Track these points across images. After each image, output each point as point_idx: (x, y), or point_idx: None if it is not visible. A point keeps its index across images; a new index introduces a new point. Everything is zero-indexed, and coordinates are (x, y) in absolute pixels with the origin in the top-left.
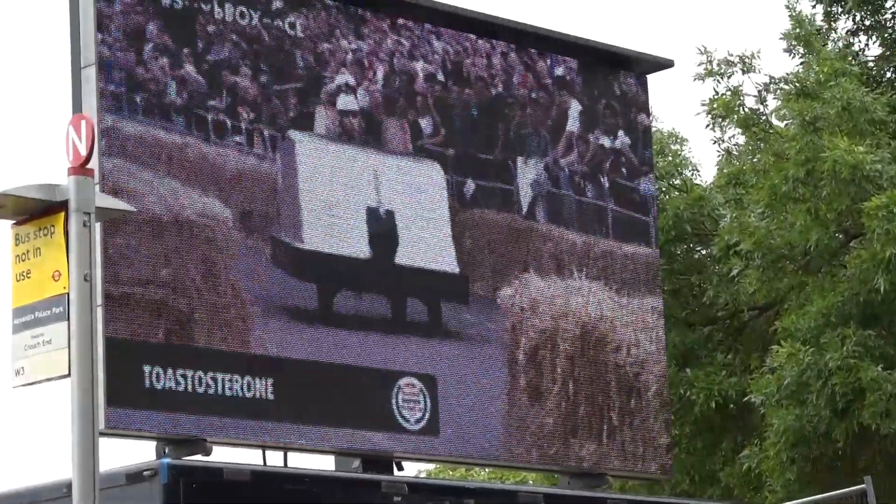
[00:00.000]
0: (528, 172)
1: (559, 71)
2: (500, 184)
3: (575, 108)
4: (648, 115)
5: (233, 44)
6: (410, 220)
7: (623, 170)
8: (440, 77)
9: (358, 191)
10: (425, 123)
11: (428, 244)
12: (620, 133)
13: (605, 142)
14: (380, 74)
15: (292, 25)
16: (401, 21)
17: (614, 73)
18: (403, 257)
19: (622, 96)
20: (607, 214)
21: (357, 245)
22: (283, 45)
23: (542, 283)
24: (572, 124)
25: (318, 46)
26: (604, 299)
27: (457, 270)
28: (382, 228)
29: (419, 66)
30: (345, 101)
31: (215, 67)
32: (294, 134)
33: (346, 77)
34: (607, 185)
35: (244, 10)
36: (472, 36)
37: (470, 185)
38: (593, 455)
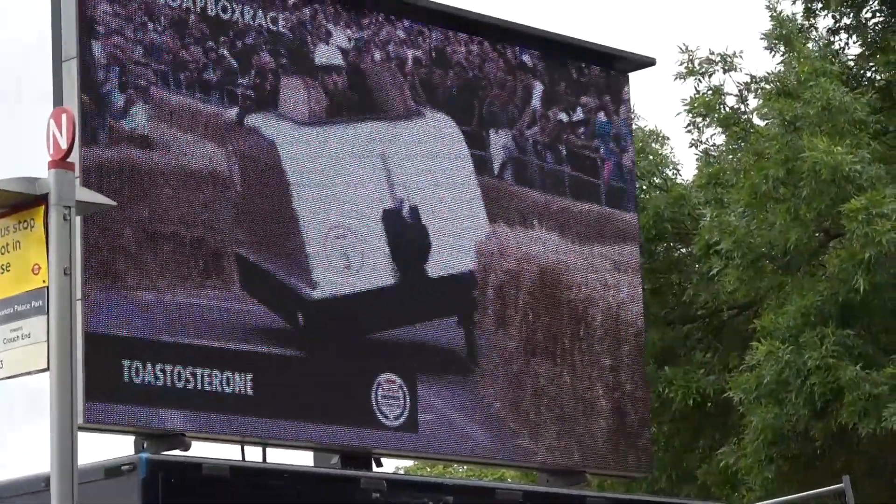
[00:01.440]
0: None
1: (528, 61)
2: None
3: (549, 103)
4: (628, 108)
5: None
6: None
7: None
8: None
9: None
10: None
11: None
12: (596, 119)
13: (580, 127)
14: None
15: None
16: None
17: (597, 70)
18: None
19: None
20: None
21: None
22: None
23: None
24: (546, 114)
25: (297, 33)
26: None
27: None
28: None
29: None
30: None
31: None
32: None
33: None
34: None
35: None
36: (451, 32)
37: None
38: (572, 452)
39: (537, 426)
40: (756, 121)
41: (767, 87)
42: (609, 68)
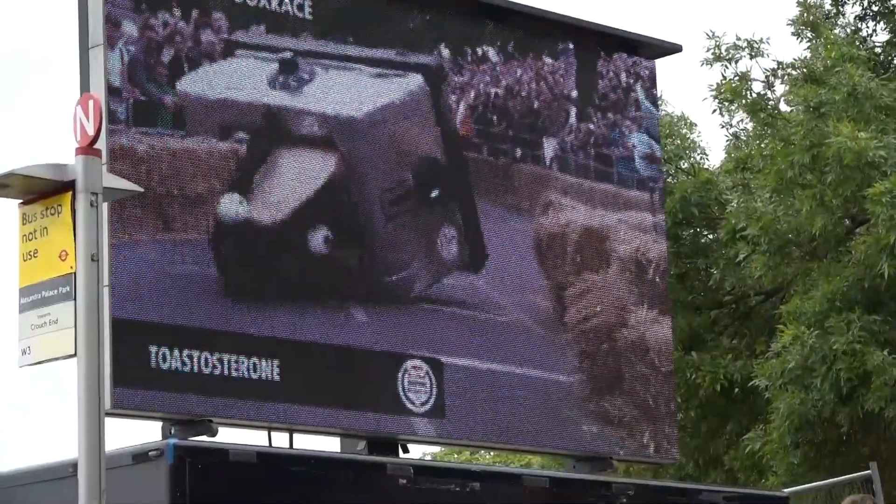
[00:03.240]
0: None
1: (565, 54)
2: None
3: (577, 90)
4: (655, 97)
5: None
6: None
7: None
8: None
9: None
10: None
11: None
12: (620, 112)
13: (605, 120)
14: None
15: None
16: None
17: (623, 57)
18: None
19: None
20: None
21: None
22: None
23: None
24: (576, 104)
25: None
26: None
27: None
28: None
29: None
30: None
31: None
32: None
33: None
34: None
35: None
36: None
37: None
38: (598, 438)
39: (564, 412)
40: (783, 107)
41: (794, 73)
42: (635, 55)
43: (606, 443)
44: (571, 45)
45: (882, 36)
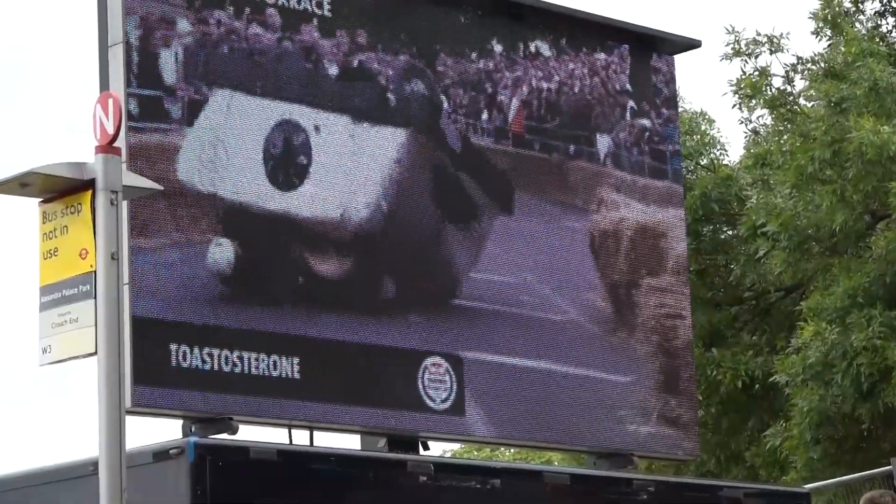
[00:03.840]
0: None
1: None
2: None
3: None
4: (674, 92)
5: None
6: None
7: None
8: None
9: None
10: None
11: None
12: (644, 106)
13: (634, 115)
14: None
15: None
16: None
17: (642, 53)
18: None
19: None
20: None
21: None
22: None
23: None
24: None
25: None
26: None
27: None
28: None
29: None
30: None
31: None
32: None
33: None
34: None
35: None
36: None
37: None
38: (619, 435)
39: (584, 409)
40: (802, 102)
41: (814, 68)
42: (655, 50)
43: (627, 439)
44: (624, 45)
45: None
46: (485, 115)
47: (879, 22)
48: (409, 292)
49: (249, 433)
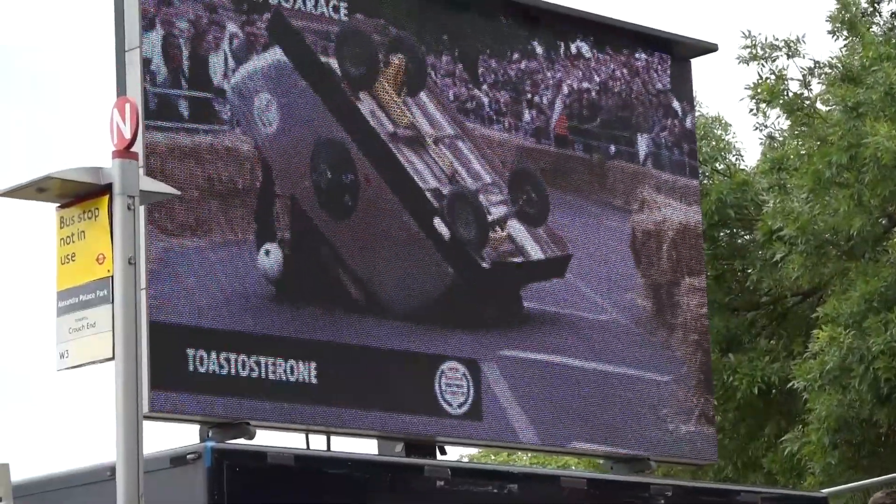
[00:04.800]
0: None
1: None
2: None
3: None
4: (691, 99)
5: None
6: None
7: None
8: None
9: None
10: None
11: None
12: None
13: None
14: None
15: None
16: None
17: (660, 56)
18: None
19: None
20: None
21: None
22: None
23: None
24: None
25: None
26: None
27: None
28: None
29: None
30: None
31: None
32: None
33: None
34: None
35: None
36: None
37: None
38: (637, 440)
39: (602, 413)
40: (819, 106)
41: (830, 72)
42: (671, 54)
43: (645, 444)
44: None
45: None
46: (526, 117)
47: (895, 23)
48: (427, 295)
49: (266, 438)
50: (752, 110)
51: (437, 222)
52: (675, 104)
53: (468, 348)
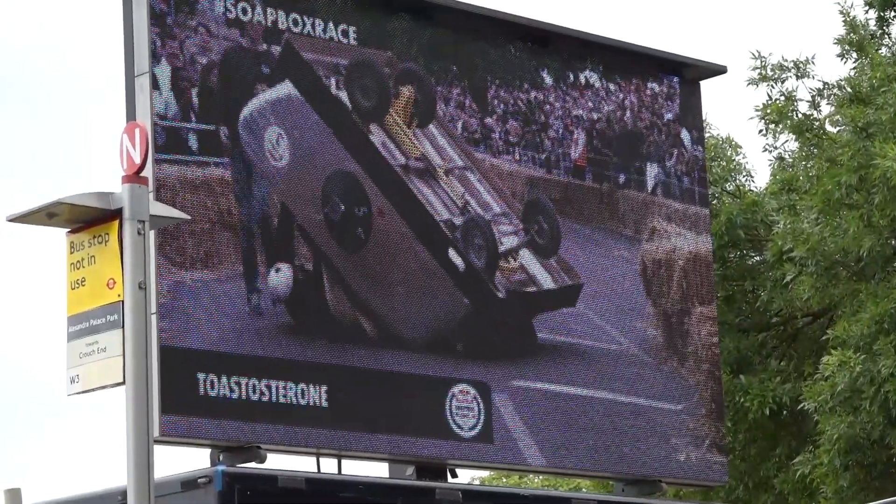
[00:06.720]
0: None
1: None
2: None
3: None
4: (700, 121)
5: None
6: None
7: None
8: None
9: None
10: None
11: None
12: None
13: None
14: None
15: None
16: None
17: (670, 79)
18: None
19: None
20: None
21: None
22: None
23: None
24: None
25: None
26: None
27: None
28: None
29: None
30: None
31: None
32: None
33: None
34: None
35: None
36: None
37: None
38: (647, 461)
39: (612, 435)
40: (828, 127)
41: (839, 93)
42: (680, 77)
43: (655, 466)
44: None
45: None
46: (535, 147)
47: None
48: (441, 324)
49: (277, 461)
50: (761, 131)
51: (452, 253)
52: (684, 133)
53: (480, 376)
